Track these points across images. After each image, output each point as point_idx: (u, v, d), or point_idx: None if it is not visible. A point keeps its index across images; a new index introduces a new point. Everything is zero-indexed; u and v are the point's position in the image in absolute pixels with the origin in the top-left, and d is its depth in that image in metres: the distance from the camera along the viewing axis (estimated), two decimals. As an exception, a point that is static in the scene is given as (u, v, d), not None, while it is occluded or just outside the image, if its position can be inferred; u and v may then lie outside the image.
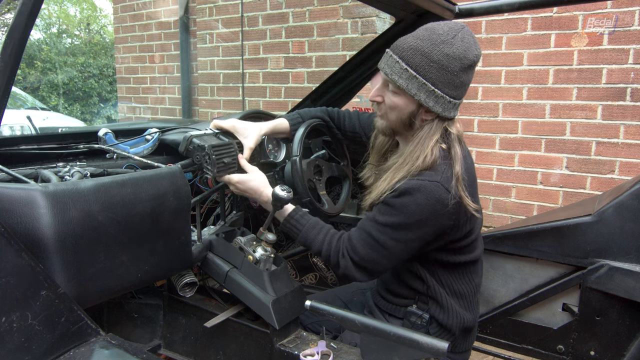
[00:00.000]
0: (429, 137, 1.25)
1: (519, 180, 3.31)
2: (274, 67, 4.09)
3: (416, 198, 1.19)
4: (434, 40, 1.18)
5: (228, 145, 1.41)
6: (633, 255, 1.47)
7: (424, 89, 1.20)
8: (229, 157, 1.40)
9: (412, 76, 1.19)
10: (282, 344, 1.29)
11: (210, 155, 1.34)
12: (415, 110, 1.24)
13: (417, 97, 1.21)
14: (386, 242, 1.24)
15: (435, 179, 1.20)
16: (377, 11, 3.41)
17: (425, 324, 1.33)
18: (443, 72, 1.18)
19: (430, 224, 1.21)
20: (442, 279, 1.34)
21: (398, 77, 1.20)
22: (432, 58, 1.17)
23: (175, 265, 1.24)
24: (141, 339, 1.51)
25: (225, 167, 1.38)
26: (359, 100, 3.57)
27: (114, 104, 9.92)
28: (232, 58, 4.34)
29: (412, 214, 1.20)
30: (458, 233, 1.27)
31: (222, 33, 4.36)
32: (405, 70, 1.19)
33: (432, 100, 1.21)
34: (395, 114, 1.27)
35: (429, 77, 1.19)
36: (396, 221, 1.22)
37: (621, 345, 1.51)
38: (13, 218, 0.91)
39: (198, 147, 1.36)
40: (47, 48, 11.37)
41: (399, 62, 1.20)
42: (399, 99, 1.24)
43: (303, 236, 1.35)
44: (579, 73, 3.03)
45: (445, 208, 1.19)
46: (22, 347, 0.80)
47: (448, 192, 1.19)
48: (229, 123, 1.48)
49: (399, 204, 1.21)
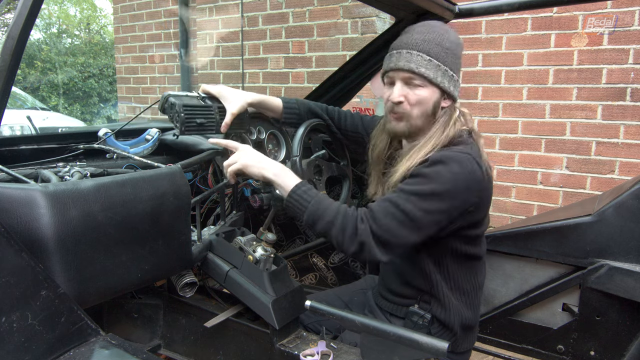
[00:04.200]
0: (450, 119, 1.30)
1: (519, 180, 3.31)
2: (274, 67, 4.09)
3: (451, 167, 1.18)
4: (438, 32, 1.28)
5: (206, 108, 1.43)
6: (633, 255, 1.47)
7: (446, 75, 1.27)
8: (203, 118, 1.41)
9: (436, 65, 1.26)
10: (282, 344, 1.29)
11: (180, 113, 1.36)
12: (439, 98, 1.30)
13: (442, 84, 1.27)
14: (412, 212, 1.16)
15: (468, 151, 1.22)
16: (377, 11, 3.41)
17: (427, 324, 1.33)
18: (455, 58, 1.29)
19: (459, 197, 1.19)
20: (450, 272, 1.33)
21: (425, 69, 1.25)
22: (445, 46, 1.27)
23: (175, 265, 1.24)
24: (141, 339, 1.51)
25: (196, 128, 1.40)
26: (359, 100, 3.57)
27: (114, 104, 9.93)
28: (232, 58, 4.34)
29: (445, 182, 1.17)
30: (477, 215, 1.27)
31: (222, 33, 4.36)
32: (429, 61, 1.25)
33: (452, 85, 1.29)
34: (420, 108, 1.29)
35: (448, 64, 1.27)
36: (427, 189, 1.17)
37: (621, 345, 1.51)
38: (13, 218, 0.91)
39: (171, 104, 1.38)
40: (47, 48, 11.38)
41: (421, 55, 1.26)
42: (425, 91, 1.28)
43: (312, 209, 1.21)
44: (579, 73, 3.03)
45: (477, 181, 1.20)
46: (22, 347, 0.80)
47: (480, 167, 1.21)
48: (216, 88, 1.50)
49: (432, 172, 1.19)
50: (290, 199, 1.25)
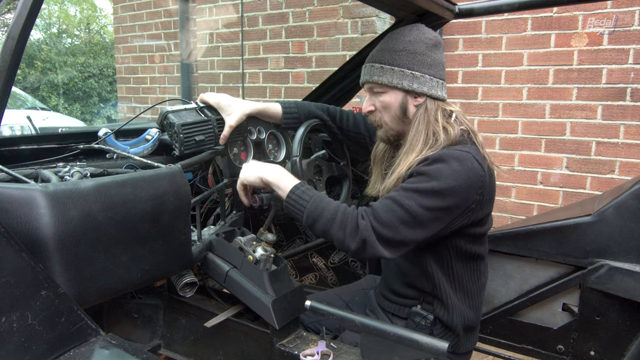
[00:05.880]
0: (429, 116, 1.30)
1: (519, 180, 3.31)
2: (274, 67, 4.09)
3: (451, 165, 1.19)
4: (393, 37, 1.34)
5: (204, 123, 1.43)
6: (633, 255, 1.47)
7: (403, 75, 1.29)
8: (202, 134, 1.41)
9: (387, 70, 1.30)
10: (282, 344, 1.29)
11: (179, 133, 1.37)
12: (404, 99, 1.32)
13: (401, 85, 1.30)
14: (413, 209, 1.16)
15: (467, 149, 1.23)
16: (377, 11, 3.41)
17: (430, 325, 1.33)
18: (412, 55, 1.29)
19: (460, 194, 1.19)
20: (454, 272, 1.33)
21: (378, 77, 1.31)
22: (397, 48, 1.30)
23: (175, 265, 1.24)
24: (141, 339, 1.51)
25: (196, 145, 1.41)
26: (359, 101, 3.57)
27: (114, 104, 9.93)
28: (232, 58, 4.34)
29: (446, 179, 1.17)
30: (480, 212, 1.27)
31: (222, 33, 4.36)
32: (380, 69, 1.31)
33: (415, 82, 1.30)
34: (389, 113, 1.34)
35: (402, 64, 1.29)
36: (429, 187, 1.17)
37: (621, 345, 1.51)
38: (13, 218, 0.91)
39: (169, 124, 1.40)
40: (47, 48, 11.38)
41: (373, 65, 1.33)
42: (387, 96, 1.33)
43: (311, 208, 1.20)
44: (579, 73, 3.03)
45: (477, 179, 1.21)
46: (22, 347, 0.79)
47: (479, 164, 1.22)
48: (215, 98, 1.50)
49: (432, 170, 1.19)
50: (290, 200, 1.25)
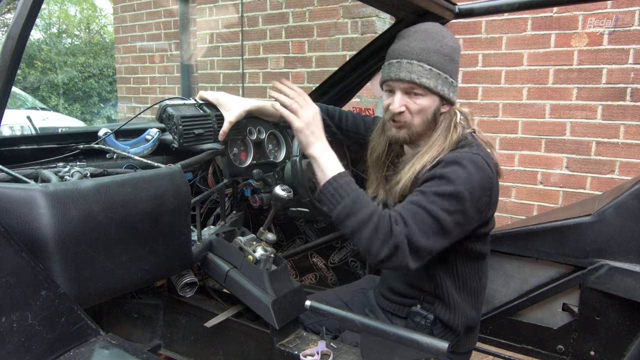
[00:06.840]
0: (451, 122, 1.31)
1: (519, 180, 3.31)
2: (274, 67, 4.09)
3: (467, 167, 1.18)
4: (436, 38, 1.27)
5: (203, 117, 1.43)
6: (633, 255, 1.47)
7: (446, 82, 1.28)
8: (201, 128, 1.41)
9: (436, 74, 1.26)
10: (282, 344, 1.29)
11: (178, 125, 1.36)
12: (439, 105, 1.30)
13: (442, 92, 1.27)
14: (438, 214, 1.14)
15: (477, 151, 1.23)
16: (377, 11, 3.41)
17: (430, 325, 1.33)
18: (453, 63, 1.29)
19: (475, 196, 1.19)
20: (459, 271, 1.33)
21: (426, 79, 1.25)
22: (444, 52, 1.26)
23: (175, 265, 1.24)
24: (141, 339, 1.51)
25: (195, 139, 1.41)
26: (359, 101, 3.57)
27: (114, 104, 9.92)
28: (232, 58, 4.34)
29: (463, 183, 1.17)
30: (487, 213, 1.27)
31: (222, 33, 4.36)
32: (430, 71, 1.25)
33: (452, 91, 1.30)
34: (421, 116, 1.29)
35: (447, 70, 1.27)
36: (449, 190, 1.16)
37: (621, 345, 1.51)
38: (13, 218, 0.91)
39: (168, 116, 1.39)
40: (47, 48, 11.38)
41: (422, 64, 1.25)
42: (426, 100, 1.28)
43: (347, 203, 1.14)
44: (579, 73, 3.03)
45: (489, 180, 1.21)
46: (22, 347, 0.80)
47: (489, 166, 1.22)
48: (213, 95, 1.49)
49: (449, 172, 1.18)
50: (328, 187, 1.17)
